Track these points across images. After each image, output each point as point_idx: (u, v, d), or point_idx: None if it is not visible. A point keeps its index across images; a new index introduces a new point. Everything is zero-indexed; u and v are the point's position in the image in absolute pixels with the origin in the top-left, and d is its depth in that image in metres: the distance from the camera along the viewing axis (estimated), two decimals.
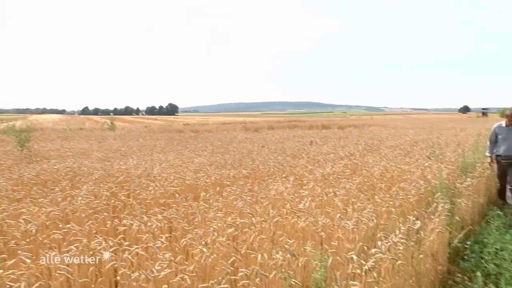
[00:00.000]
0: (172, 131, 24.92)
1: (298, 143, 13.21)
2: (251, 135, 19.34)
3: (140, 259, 3.09)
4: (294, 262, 3.00)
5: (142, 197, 5.26)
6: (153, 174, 6.94)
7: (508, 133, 6.96)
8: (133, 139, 16.41)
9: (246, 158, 9.11)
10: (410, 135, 16.65)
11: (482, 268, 4.30)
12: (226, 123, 35.49)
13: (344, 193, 5.07)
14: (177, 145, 13.58)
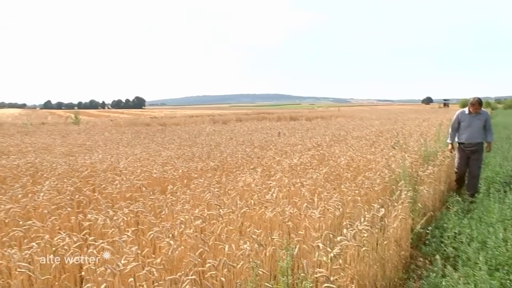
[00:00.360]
0: (139, 124, 24.53)
1: (266, 135, 13.27)
2: (219, 127, 19.29)
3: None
4: (262, 252, 3.01)
5: (108, 191, 5.16)
6: (119, 168, 6.82)
7: (471, 120, 6.86)
8: (98, 133, 16.06)
9: (214, 150, 9.08)
10: (376, 126, 17.00)
11: (441, 251, 4.45)
12: (194, 116, 35.20)
13: (311, 183, 5.13)
14: (144, 138, 13.39)
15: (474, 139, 6.83)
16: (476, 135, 6.84)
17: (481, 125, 6.88)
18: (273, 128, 17.39)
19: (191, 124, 23.59)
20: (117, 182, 5.49)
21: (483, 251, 4.08)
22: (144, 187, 5.27)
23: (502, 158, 9.73)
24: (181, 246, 3.10)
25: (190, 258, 2.83)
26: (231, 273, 2.75)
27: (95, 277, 2.70)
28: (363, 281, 3.11)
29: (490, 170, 8.37)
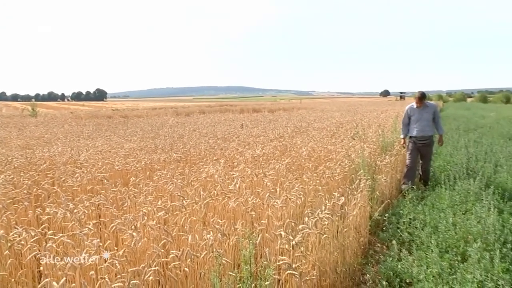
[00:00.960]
0: (100, 117, 23.89)
1: (229, 127, 13.23)
2: (182, 119, 19.07)
3: (66, 247, 2.93)
4: (225, 241, 3.01)
5: (68, 184, 5.00)
6: (79, 160, 6.62)
7: (420, 114, 6.88)
8: (57, 126, 15.52)
9: (177, 142, 8.97)
10: (336, 118, 17.29)
11: (398, 237, 4.60)
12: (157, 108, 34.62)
13: (274, 173, 5.16)
14: (105, 131, 13.05)
15: (425, 132, 6.84)
16: (426, 128, 6.86)
17: (430, 117, 6.90)
18: (236, 120, 17.37)
19: (154, 116, 23.21)
20: (78, 175, 5.33)
21: (435, 235, 4.24)
22: (106, 180, 5.14)
23: (453, 148, 10.12)
24: (144, 238, 3.05)
25: (153, 249, 2.78)
26: (194, 263, 2.73)
27: (55, 271, 2.61)
28: (324, 267, 3.16)
29: (441, 159, 8.70)
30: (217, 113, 25.77)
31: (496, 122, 18.18)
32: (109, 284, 2.23)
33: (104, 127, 14.84)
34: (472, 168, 7.55)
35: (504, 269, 3.48)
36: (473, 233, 4.16)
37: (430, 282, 2.95)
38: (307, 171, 5.56)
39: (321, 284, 3.14)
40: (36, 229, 3.30)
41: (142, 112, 28.26)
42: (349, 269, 3.63)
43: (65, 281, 2.23)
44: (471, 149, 9.46)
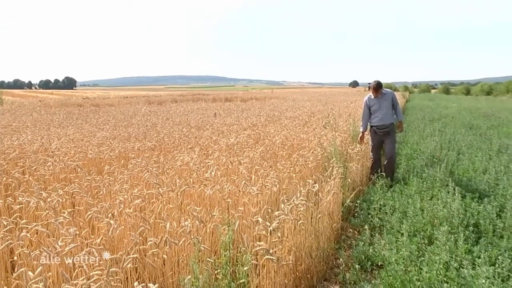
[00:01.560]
0: (70, 105, 23.24)
1: (202, 116, 13.12)
2: (155, 108, 18.78)
3: (41, 236, 2.86)
4: (202, 228, 3.00)
5: (39, 173, 4.84)
6: (51, 149, 6.42)
7: (379, 103, 6.69)
8: (26, 114, 14.99)
9: (151, 131, 8.84)
10: (308, 107, 17.40)
11: (369, 222, 4.70)
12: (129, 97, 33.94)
13: (248, 161, 5.16)
14: (76, 119, 12.72)
15: (385, 121, 6.67)
16: (387, 116, 6.69)
17: (390, 105, 6.75)
18: (209, 109, 17.24)
19: (126, 105, 22.74)
20: (50, 164, 5.17)
21: (405, 220, 4.36)
22: (79, 168, 5.02)
23: (419, 136, 10.41)
24: (121, 226, 3.00)
25: (131, 237, 2.74)
26: (172, 250, 2.71)
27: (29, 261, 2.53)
28: (299, 252, 3.20)
29: (409, 147, 8.92)
30: (189, 102, 25.49)
31: (458, 113, 18.76)
32: (87, 272, 2.19)
33: (75, 115, 14.46)
34: (437, 156, 7.78)
35: (467, 250, 3.62)
36: (439, 217, 4.30)
37: (400, 264, 3.03)
38: (281, 159, 5.59)
39: (296, 268, 3.18)
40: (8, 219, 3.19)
41: (113, 100, 27.65)
42: (323, 254, 3.69)
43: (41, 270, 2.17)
44: (436, 138, 9.74)
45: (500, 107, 23.36)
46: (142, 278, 2.76)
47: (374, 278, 3.45)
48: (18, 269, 2.47)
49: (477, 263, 3.28)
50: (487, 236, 4.00)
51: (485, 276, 2.62)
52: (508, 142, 9.52)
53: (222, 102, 26.35)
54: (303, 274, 3.23)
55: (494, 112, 18.98)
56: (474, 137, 10.60)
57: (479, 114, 18.41)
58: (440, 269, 2.94)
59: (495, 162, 7.08)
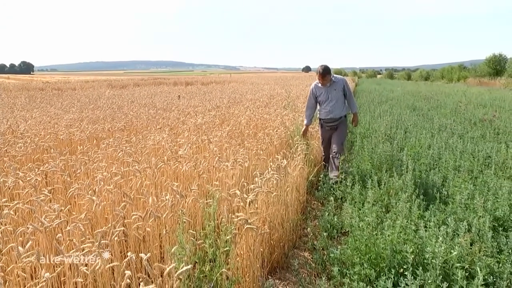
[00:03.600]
0: (31, 89, 22.04)
1: (166, 98, 12.86)
2: (118, 92, 18.18)
3: (22, 214, 2.74)
4: (182, 202, 2.98)
5: (11, 154, 4.62)
6: (19, 131, 6.11)
7: (328, 92, 5.38)
8: None
9: (118, 113, 8.58)
10: (266, 90, 17.44)
11: (331, 194, 4.84)
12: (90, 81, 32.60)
13: (217, 140, 5.14)
14: (40, 102, 12.11)
15: (335, 114, 5.37)
16: (337, 108, 5.38)
17: (341, 95, 5.41)
18: (172, 92, 16.89)
19: (88, 89, 21.86)
20: (21, 145, 4.93)
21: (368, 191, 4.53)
22: (52, 149, 4.82)
23: (371, 117, 10.75)
24: (103, 202, 2.93)
25: (114, 211, 2.69)
26: (156, 223, 2.68)
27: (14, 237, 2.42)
28: (273, 222, 3.26)
29: (361, 127, 9.20)
30: (151, 86, 24.86)
31: (402, 96, 19.46)
32: (77, 246, 2.13)
33: (38, 99, 13.74)
34: (388, 134, 8.08)
35: (420, 215, 3.83)
36: (395, 188, 4.50)
37: (365, 230, 3.16)
38: (248, 137, 5.61)
39: (271, 237, 3.24)
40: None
41: (75, 84, 26.48)
42: (292, 224, 3.78)
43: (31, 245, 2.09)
44: (388, 118, 10.10)
45: (437, 90, 24.45)
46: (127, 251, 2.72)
47: (340, 244, 3.58)
48: (2, 246, 2.37)
49: (429, 226, 3.49)
50: (435, 203, 4.24)
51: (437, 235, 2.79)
52: (446, 121, 10.02)
53: (183, 85, 25.90)
54: (276, 242, 3.30)
55: (433, 95, 19.85)
56: (418, 117, 11.09)
57: (420, 97, 19.17)
58: (399, 232, 3.09)
59: (437, 139, 7.45)
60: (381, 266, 2.88)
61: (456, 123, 9.92)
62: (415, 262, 2.76)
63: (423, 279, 2.54)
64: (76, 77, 55.50)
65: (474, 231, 3.47)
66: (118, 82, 28.94)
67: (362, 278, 2.84)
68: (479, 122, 10.04)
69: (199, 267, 2.37)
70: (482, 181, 4.86)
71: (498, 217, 3.89)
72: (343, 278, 2.92)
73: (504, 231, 3.65)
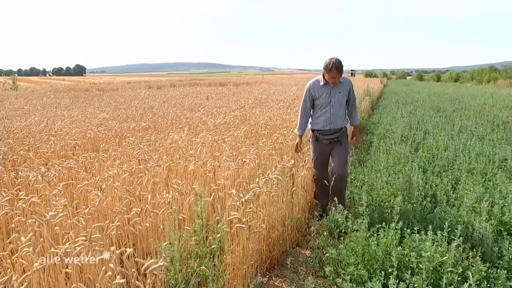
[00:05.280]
0: (78, 90, 22.89)
1: (196, 99, 12.99)
2: (154, 92, 18.56)
3: (36, 206, 2.82)
4: (183, 199, 2.98)
5: (42, 151, 4.80)
6: (54, 129, 6.35)
7: (330, 95, 3.98)
8: (37, 98, 14.76)
9: (147, 112, 8.75)
10: (293, 91, 17.27)
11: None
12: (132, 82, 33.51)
13: (232, 139, 5.12)
14: (82, 102, 12.55)
15: (336, 123, 4.02)
16: (338, 116, 4.02)
17: (344, 100, 4.06)
18: (203, 92, 17.05)
19: (127, 90, 22.46)
20: (52, 142, 5.12)
21: (373, 192, 4.38)
22: (78, 146, 4.96)
23: (392, 118, 10.42)
24: (109, 197, 2.97)
25: (116, 207, 2.72)
26: (154, 219, 2.69)
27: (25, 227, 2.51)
28: (272, 221, 3.20)
29: (382, 128, 8.93)
30: (186, 87, 25.21)
31: (428, 97, 18.77)
32: (73, 238, 2.17)
33: (81, 99, 14.25)
34: (405, 135, 7.80)
35: (422, 218, 3.65)
36: (401, 189, 4.32)
37: (361, 231, 3.05)
38: (263, 137, 5.55)
39: (270, 235, 3.18)
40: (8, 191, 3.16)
41: (117, 85, 27.30)
42: (296, 223, 3.70)
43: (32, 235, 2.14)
44: (405, 119, 9.77)
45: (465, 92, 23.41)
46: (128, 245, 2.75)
47: (340, 244, 3.47)
48: (14, 234, 2.45)
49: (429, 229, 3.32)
50: (442, 206, 4.03)
51: (431, 239, 2.64)
52: (467, 123, 9.57)
53: (216, 86, 26.12)
54: (276, 240, 3.24)
55: (459, 97, 19.03)
56: (440, 118, 10.65)
57: (446, 98, 18.43)
58: (395, 234, 2.96)
59: (455, 141, 7.12)
60: (374, 268, 2.77)
61: (478, 125, 9.45)
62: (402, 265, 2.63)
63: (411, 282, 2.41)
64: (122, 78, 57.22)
65: (475, 235, 3.28)
66: (156, 83, 29.54)
67: (354, 278, 2.74)
68: (502, 124, 9.51)
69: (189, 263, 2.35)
70: (494, 184, 4.60)
71: (504, 221, 3.65)
72: (337, 278, 2.83)
73: (508, 235, 3.43)
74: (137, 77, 67.21)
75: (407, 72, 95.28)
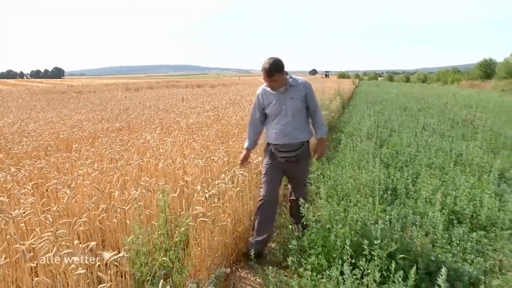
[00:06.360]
0: (55, 92, 22.37)
1: (171, 100, 12.93)
2: (131, 94, 18.35)
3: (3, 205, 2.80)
4: (151, 196, 3.01)
5: (14, 152, 4.71)
6: (28, 130, 6.22)
7: (281, 101, 3.09)
8: (12, 100, 14.37)
9: (122, 113, 8.66)
10: None
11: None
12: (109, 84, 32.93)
13: (203, 138, 5.15)
14: (58, 105, 12.29)
15: (293, 137, 3.11)
16: (296, 130, 3.12)
17: (301, 107, 3.14)
18: (180, 94, 16.97)
19: (105, 92, 22.08)
20: (24, 143, 5.03)
21: (338, 187, 4.51)
22: (50, 147, 4.89)
23: (361, 117, 10.67)
24: (78, 195, 2.97)
25: (85, 204, 2.73)
26: (122, 215, 2.71)
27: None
28: (238, 216, 3.27)
29: (351, 126, 9.13)
30: (163, 88, 24.99)
31: (397, 97, 19.28)
32: (39, 234, 2.18)
33: (57, 101, 13.96)
34: (371, 133, 8.02)
35: (382, 210, 3.80)
36: (364, 183, 4.47)
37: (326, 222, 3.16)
38: (233, 136, 5.61)
39: (236, 229, 3.25)
40: None
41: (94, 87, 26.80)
42: None
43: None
44: (373, 118, 10.03)
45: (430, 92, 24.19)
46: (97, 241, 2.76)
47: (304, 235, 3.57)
48: None
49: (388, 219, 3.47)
50: (401, 198, 4.20)
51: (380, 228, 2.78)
52: (431, 121, 9.91)
53: (193, 88, 25.98)
54: (242, 234, 3.31)
55: (425, 96, 19.64)
56: (406, 117, 10.97)
57: (413, 98, 18.99)
58: (354, 224, 3.08)
59: (419, 138, 7.37)
60: (333, 257, 2.87)
61: (440, 123, 9.80)
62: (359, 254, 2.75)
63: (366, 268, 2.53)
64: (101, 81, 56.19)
65: (428, 224, 3.45)
66: (134, 85, 29.15)
67: (315, 267, 2.84)
68: (461, 122, 9.91)
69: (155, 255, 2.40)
70: (450, 177, 4.81)
71: (456, 210, 3.85)
72: (299, 268, 2.92)
73: (459, 223, 3.62)
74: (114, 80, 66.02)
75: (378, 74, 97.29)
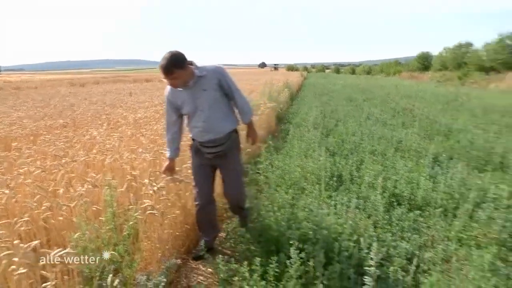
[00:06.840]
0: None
1: (119, 95, 12.53)
2: (76, 90, 17.50)
3: None
4: (98, 192, 2.94)
5: None
6: None
7: (194, 96, 2.75)
8: None
9: (67, 110, 8.26)
10: None
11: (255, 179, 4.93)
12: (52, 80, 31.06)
13: (151, 133, 5.07)
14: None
15: (216, 131, 2.83)
16: (217, 123, 2.83)
17: (218, 96, 2.81)
18: (127, 89, 16.46)
19: (47, 88, 20.85)
20: None
21: (286, 176, 4.65)
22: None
23: (308, 108, 10.98)
24: (19, 195, 2.84)
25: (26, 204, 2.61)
26: (67, 212, 2.63)
27: None
28: (189, 208, 3.29)
29: (299, 117, 9.37)
30: (110, 83, 24.07)
31: (343, 88, 20.02)
32: None
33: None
34: (318, 123, 8.29)
35: (328, 196, 3.99)
36: (310, 171, 4.65)
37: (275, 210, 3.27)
38: None
39: (186, 221, 3.26)
40: None
41: (36, 83, 25.20)
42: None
43: None
44: (320, 108, 10.36)
45: (375, 84, 25.33)
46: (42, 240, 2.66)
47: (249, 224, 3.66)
48: None
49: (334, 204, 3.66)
50: (346, 184, 4.42)
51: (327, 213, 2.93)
52: (374, 110, 10.42)
53: (142, 82, 25.25)
54: (193, 226, 3.33)
55: (369, 87, 20.55)
56: (352, 107, 11.45)
57: (358, 89, 19.78)
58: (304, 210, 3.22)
59: (363, 127, 7.74)
60: (282, 243, 2.98)
61: (382, 112, 10.34)
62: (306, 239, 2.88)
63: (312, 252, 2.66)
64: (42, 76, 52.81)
65: (371, 207, 3.68)
66: (78, 81, 27.77)
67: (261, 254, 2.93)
68: (402, 111, 10.52)
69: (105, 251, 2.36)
70: (391, 162, 5.12)
71: (396, 193, 4.12)
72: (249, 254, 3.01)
73: (398, 205, 3.88)
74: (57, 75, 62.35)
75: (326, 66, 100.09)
